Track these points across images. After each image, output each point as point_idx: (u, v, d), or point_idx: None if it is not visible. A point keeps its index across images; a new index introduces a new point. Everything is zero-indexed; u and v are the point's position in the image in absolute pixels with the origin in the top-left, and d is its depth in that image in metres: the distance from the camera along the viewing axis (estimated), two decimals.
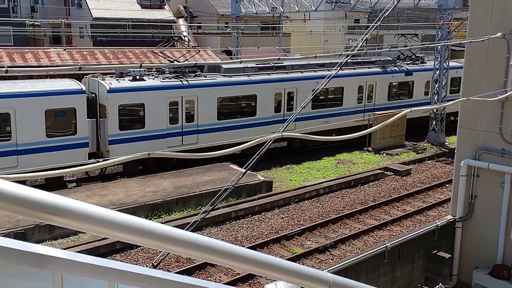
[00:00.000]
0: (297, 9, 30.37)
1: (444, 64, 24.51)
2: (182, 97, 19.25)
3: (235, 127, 20.70)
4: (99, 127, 17.89)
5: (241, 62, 16.03)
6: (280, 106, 22.01)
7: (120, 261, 10.96)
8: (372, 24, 11.20)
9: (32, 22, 39.31)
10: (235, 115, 20.88)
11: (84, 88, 17.77)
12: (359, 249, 13.67)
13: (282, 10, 31.84)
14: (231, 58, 31.62)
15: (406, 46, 23.51)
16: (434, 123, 25.04)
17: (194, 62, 21.01)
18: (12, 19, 36.78)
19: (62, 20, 28.98)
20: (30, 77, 19.86)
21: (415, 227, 15.15)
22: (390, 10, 12.56)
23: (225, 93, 20.36)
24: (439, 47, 24.06)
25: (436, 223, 13.59)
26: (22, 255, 1.26)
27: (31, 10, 46.98)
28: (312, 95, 9.12)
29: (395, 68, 26.19)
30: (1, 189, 1.18)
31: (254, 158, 8.16)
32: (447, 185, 18.70)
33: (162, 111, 18.88)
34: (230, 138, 18.85)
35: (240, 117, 21.01)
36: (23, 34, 35.09)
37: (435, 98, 24.90)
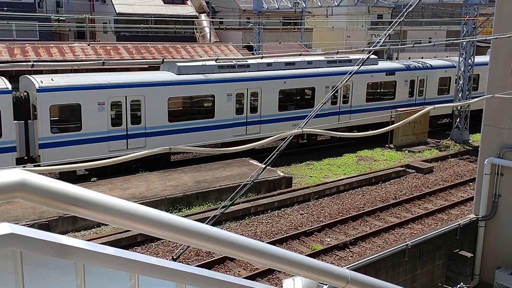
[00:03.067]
0: (320, 4, 30.17)
1: (469, 60, 24.09)
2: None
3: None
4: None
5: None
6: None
7: (141, 253, 11.11)
8: (395, 20, 11.07)
9: (57, 17, 39.92)
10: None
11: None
12: (379, 246, 13.57)
13: (305, 5, 31.66)
14: (253, 54, 31.63)
15: (430, 42, 23.34)
16: (458, 120, 24.65)
17: (216, 57, 21.12)
18: (38, 14, 37.38)
19: (87, 16, 29.37)
20: (55, 71, 20.21)
21: (437, 225, 14.96)
22: (414, 5, 12.38)
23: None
24: (464, 43, 23.63)
25: (459, 221, 13.40)
26: (45, 245, 1.29)
27: (56, 6, 47.71)
28: (332, 92, 9.07)
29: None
30: (27, 181, 1.22)
31: (274, 153, 8.16)
32: (470, 183, 18.40)
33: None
34: None
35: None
36: (48, 29, 35.68)
37: (459, 95, 24.50)
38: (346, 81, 9.65)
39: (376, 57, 25.02)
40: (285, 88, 21.45)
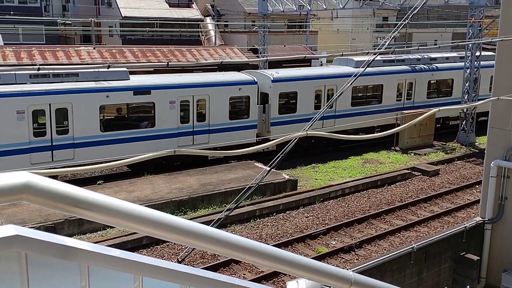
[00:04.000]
0: (325, 7, 30.18)
1: (475, 62, 24.01)
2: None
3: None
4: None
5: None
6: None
7: (146, 256, 11.11)
8: (400, 22, 11.07)
9: (64, 21, 40.19)
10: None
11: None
12: (385, 249, 13.53)
13: (309, 8, 31.68)
14: (258, 57, 31.67)
15: (435, 44, 23.22)
16: (464, 122, 24.57)
17: (220, 60, 21.15)
18: (44, 18, 37.64)
19: (92, 19, 29.52)
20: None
21: (443, 228, 14.90)
22: (419, 8, 12.37)
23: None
24: (470, 45, 23.57)
25: (465, 224, 13.34)
26: (50, 247, 1.30)
27: (62, 9, 48.02)
28: (338, 94, 9.08)
29: None
30: (32, 183, 1.23)
31: (279, 156, 8.17)
32: (477, 186, 18.32)
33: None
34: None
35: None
36: (54, 32, 35.90)
37: (466, 97, 24.42)
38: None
39: (126, 69, 18.04)
40: None
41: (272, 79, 20.70)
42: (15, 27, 31.78)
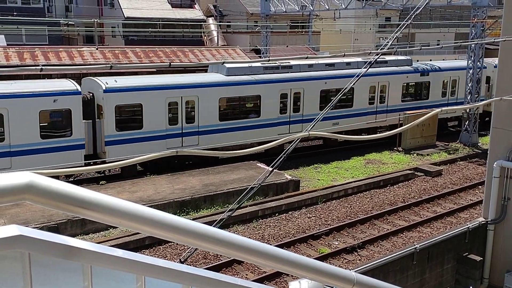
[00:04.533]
0: (327, 7, 30.16)
1: (478, 63, 23.97)
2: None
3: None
4: None
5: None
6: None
7: (149, 256, 11.10)
8: (403, 22, 11.07)
9: (66, 22, 40.29)
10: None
11: None
12: (387, 250, 13.51)
13: (312, 9, 31.68)
14: (260, 57, 31.68)
15: (438, 44, 23.05)
16: (466, 123, 24.53)
17: (223, 61, 21.14)
18: (47, 19, 37.73)
19: (95, 20, 29.56)
20: (64, 75, 20.38)
21: (446, 229, 14.88)
22: (422, 8, 12.37)
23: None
24: (472, 45, 23.53)
25: (467, 225, 13.32)
26: (53, 247, 1.31)
27: (65, 10, 48.11)
28: (339, 95, 9.09)
29: None
30: (34, 183, 1.24)
31: (281, 156, 8.17)
32: (480, 186, 18.28)
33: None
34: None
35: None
36: (57, 33, 35.99)
37: (469, 98, 24.39)
38: None
39: None
40: None
41: (104, 89, 16.96)
42: (18, 28, 31.85)
